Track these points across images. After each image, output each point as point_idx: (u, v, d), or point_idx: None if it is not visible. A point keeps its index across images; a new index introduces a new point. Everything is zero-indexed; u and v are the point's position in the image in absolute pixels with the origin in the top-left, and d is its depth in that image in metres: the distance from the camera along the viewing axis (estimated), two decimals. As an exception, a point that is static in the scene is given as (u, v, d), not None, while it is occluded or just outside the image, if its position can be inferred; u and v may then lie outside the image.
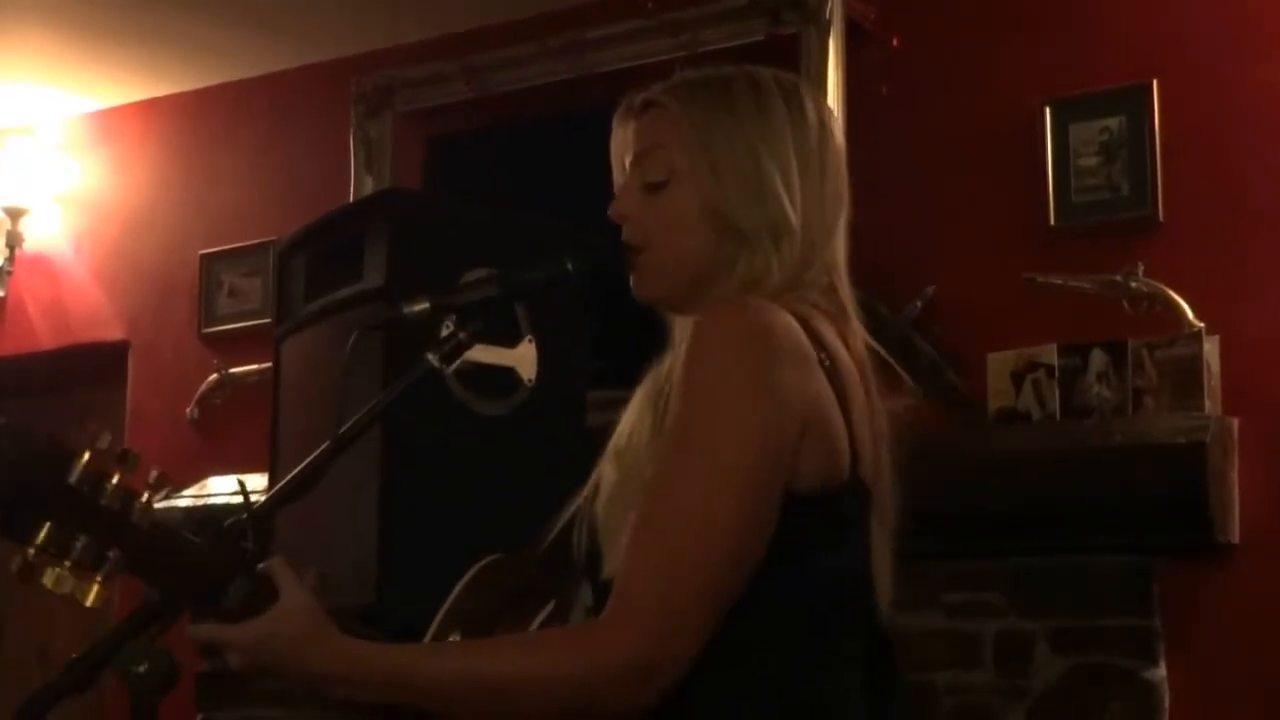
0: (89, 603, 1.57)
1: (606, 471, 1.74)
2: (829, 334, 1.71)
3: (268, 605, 1.63)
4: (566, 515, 1.81)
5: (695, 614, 1.57)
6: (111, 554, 1.57)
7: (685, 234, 1.77)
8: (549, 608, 1.81)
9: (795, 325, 1.66)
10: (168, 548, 1.62)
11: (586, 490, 1.78)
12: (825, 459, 1.65)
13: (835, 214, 1.80)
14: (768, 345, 1.63)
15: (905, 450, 1.76)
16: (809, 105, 1.80)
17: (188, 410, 5.23)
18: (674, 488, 1.61)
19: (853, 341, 1.75)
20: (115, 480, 1.58)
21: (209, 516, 1.71)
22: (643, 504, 1.62)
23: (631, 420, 1.74)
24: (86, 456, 1.57)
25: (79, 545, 1.56)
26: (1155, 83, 3.84)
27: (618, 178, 1.86)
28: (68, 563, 1.56)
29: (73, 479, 1.56)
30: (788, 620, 1.65)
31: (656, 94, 1.82)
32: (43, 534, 1.55)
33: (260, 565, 1.65)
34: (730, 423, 1.60)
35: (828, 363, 1.67)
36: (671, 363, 1.72)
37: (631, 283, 1.82)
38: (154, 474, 1.62)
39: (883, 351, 1.79)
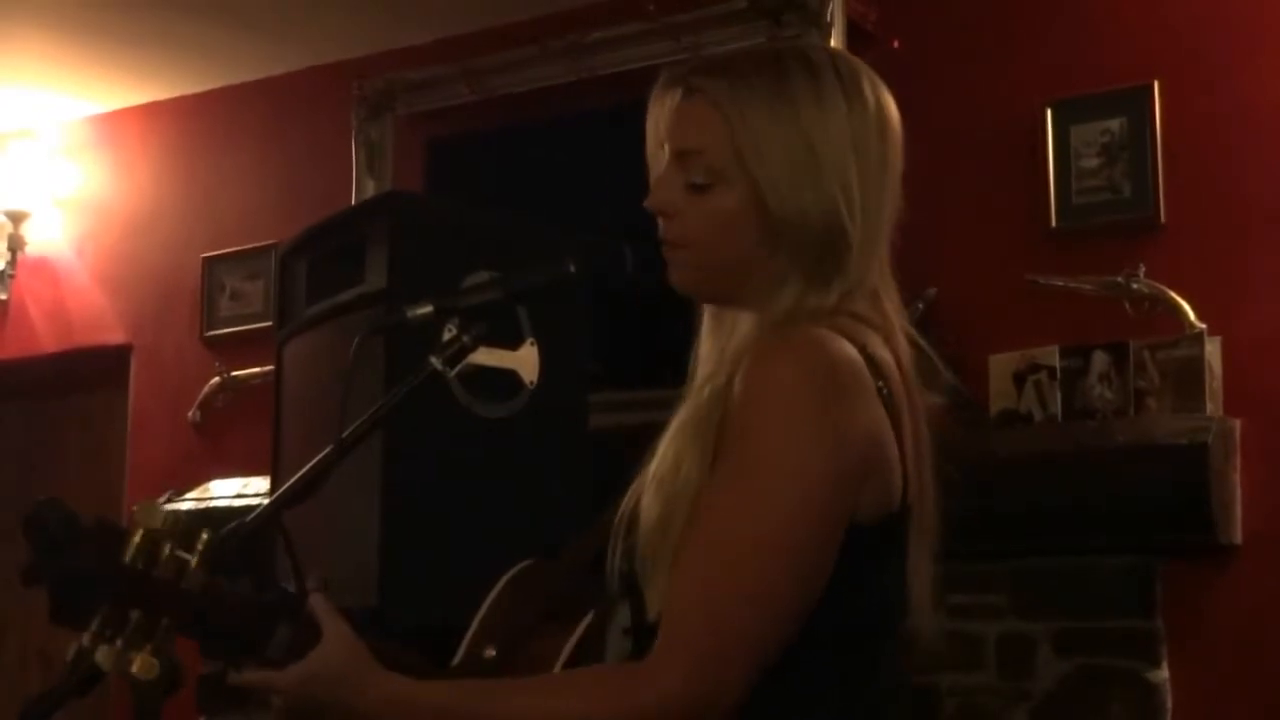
0: (137, 671, 1.54)
1: (648, 500, 1.65)
2: (883, 354, 1.66)
3: (311, 647, 1.62)
4: (600, 527, 1.76)
5: (744, 662, 1.54)
6: (163, 622, 1.55)
7: (729, 236, 1.69)
8: (587, 620, 1.78)
9: (855, 356, 1.61)
10: (215, 608, 1.59)
11: (623, 509, 1.71)
12: (883, 492, 1.62)
13: (889, 215, 1.72)
14: (830, 383, 1.58)
15: (941, 459, 1.73)
16: (867, 91, 1.70)
17: (189, 413, 5.23)
18: (731, 531, 1.56)
19: (899, 352, 1.71)
20: (168, 550, 1.56)
21: (218, 520, 1.68)
22: (695, 543, 1.57)
23: (676, 446, 1.64)
24: (139, 535, 1.54)
25: (132, 621, 1.54)
26: (1156, 84, 3.84)
27: (653, 156, 1.77)
28: (120, 641, 1.54)
29: (127, 558, 1.54)
30: (836, 647, 1.63)
31: (703, 81, 1.70)
32: (98, 621, 1.53)
33: (309, 614, 1.64)
34: (792, 468, 1.56)
35: (885, 391, 1.63)
36: (714, 383, 1.64)
37: (669, 273, 1.75)
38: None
39: (923, 343, 1.74)
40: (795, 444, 1.56)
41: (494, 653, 1.80)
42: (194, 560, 1.57)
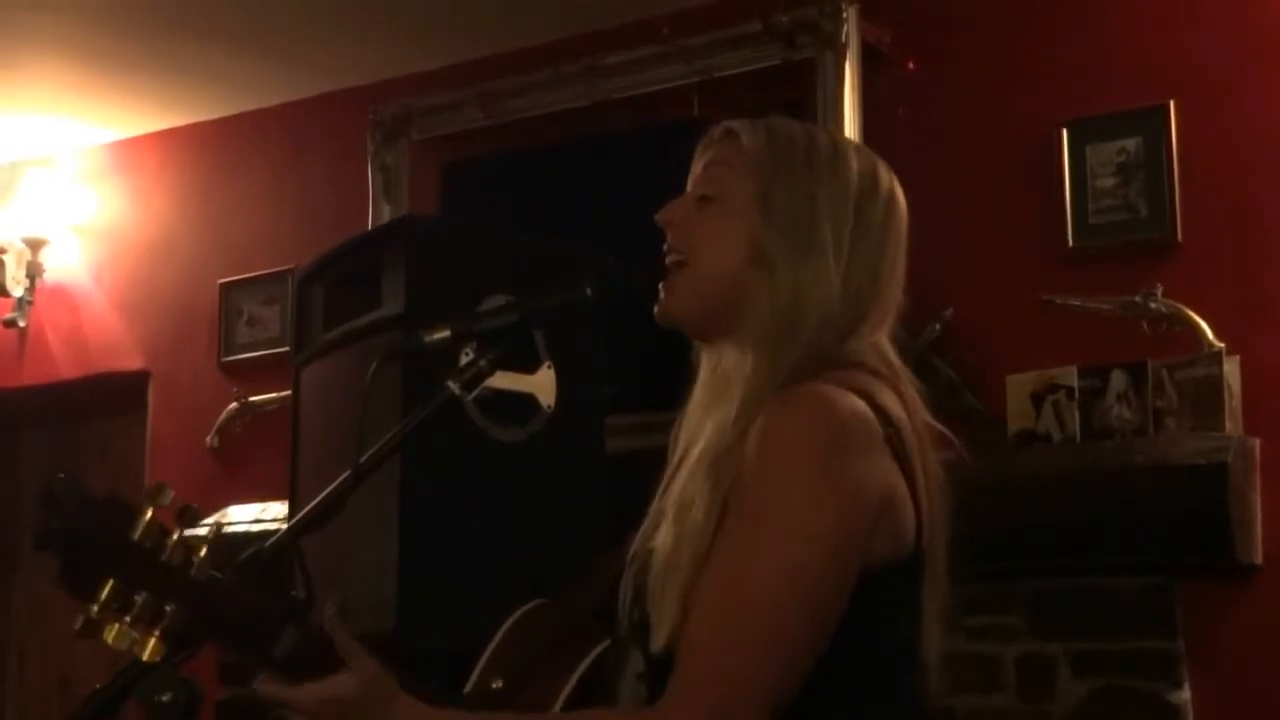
0: (147, 656, 1.58)
1: (663, 534, 1.69)
2: (892, 404, 1.70)
3: (316, 655, 1.63)
4: (612, 565, 1.80)
5: (759, 709, 1.57)
6: (169, 608, 1.58)
7: (724, 252, 1.76)
8: (591, 656, 1.81)
9: (863, 407, 1.65)
10: (223, 600, 1.62)
11: (634, 550, 1.75)
12: (895, 538, 1.66)
13: (890, 286, 1.78)
14: (840, 439, 1.62)
15: (953, 504, 1.75)
16: (883, 177, 1.80)
17: (208, 439, 5.24)
18: (744, 583, 1.60)
19: (908, 399, 1.74)
20: (175, 536, 1.59)
21: (238, 548, 1.70)
22: (709, 593, 1.61)
23: (691, 487, 1.69)
24: (149, 513, 1.58)
25: (140, 601, 1.57)
26: (1172, 104, 3.83)
27: None
28: (128, 618, 1.57)
29: (135, 535, 1.57)
30: (854, 690, 1.66)
31: (738, 124, 1.82)
32: (106, 591, 1.56)
33: (317, 621, 1.65)
34: (804, 522, 1.60)
35: (895, 437, 1.67)
36: (727, 431, 1.68)
37: (661, 298, 1.80)
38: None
39: (933, 421, 1.76)
40: (806, 499, 1.61)
41: (501, 684, 1.84)
42: (202, 551, 1.60)
